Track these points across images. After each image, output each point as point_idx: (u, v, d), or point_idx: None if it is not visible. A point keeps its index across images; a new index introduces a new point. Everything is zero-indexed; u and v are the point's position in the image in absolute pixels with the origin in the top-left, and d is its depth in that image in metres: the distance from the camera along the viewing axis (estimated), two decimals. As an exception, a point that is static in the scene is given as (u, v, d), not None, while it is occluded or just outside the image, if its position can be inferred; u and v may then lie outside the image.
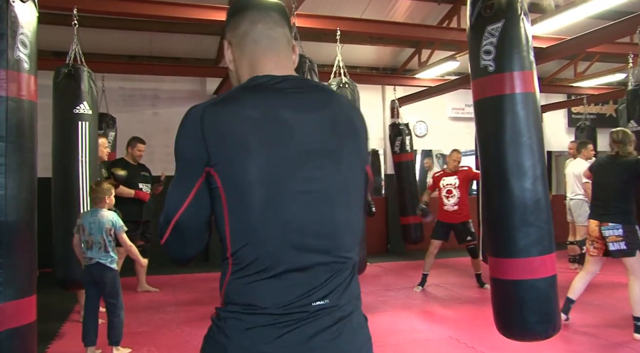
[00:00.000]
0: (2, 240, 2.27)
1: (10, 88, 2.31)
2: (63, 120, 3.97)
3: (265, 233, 1.12)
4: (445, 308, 5.42)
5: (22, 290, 2.39)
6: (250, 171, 1.10)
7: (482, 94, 3.09)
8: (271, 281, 1.12)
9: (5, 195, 2.29)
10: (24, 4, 2.39)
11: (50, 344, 4.30)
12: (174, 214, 1.16)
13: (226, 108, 1.14)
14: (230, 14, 1.30)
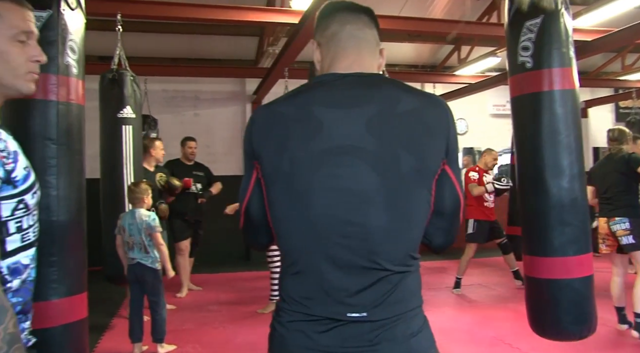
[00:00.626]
0: (55, 239, 2.36)
1: (60, 93, 2.40)
2: (108, 125, 4.10)
3: (291, 228, 1.15)
4: (488, 308, 5.35)
5: (74, 287, 2.47)
6: (281, 166, 1.14)
7: (519, 90, 3.05)
8: (304, 278, 1.14)
9: (57, 196, 2.38)
10: (73, 11, 2.48)
11: (100, 338, 4.45)
12: (242, 203, 1.26)
13: (271, 106, 1.22)
14: (320, 16, 1.30)
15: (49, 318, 2.31)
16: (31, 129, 2.35)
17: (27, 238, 1.22)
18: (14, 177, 1.14)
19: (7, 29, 1.17)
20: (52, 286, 2.35)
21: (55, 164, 2.38)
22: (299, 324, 1.14)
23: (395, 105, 1.16)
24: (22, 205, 1.18)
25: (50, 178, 2.36)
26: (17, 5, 1.20)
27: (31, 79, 1.22)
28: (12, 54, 1.18)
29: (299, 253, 1.15)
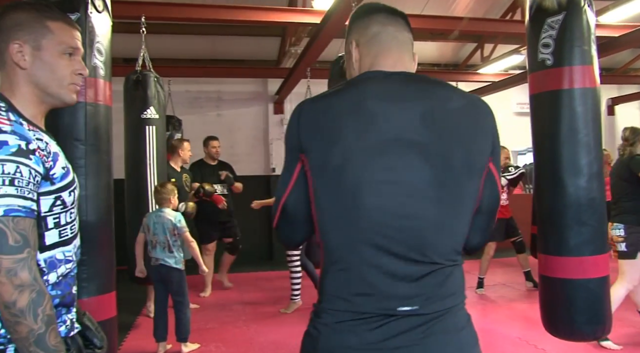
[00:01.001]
0: (84, 239, 2.39)
1: (88, 94, 2.45)
2: (132, 125, 4.16)
3: (342, 221, 1.13)
4: (512, 308, 5.30)
5: (104, 286, 2.51)
6: (332, 158, 1.12)
7: (538, 88, 3.03)
8: (353, 273, 1.13)
9: (86, 196, 2.42)
10: (99, 14, 2.52)
11: (126, 337, 4.52)
12: (281, 198, 1.23)
13: (321, 100, 1.21)
14: (356, 16, 1.34)
15: (79, 316, 2.36)
16: (60, 129, 2.39)
17: (64, 234, 1.31)
18: (52, 174, 1.24)
19: (57, 44, 1.31)
20: (82, 285, 2.37)
21: (83, 165, 2.43)
22: (348, 324, 1.12)
23: (447, 102, 1.19)
24: (59, 202, 1.27)
25: (79, 178, 2.38)
26: (67, 25, 1.34)
27: (74, 90, 1.35)
28: (59, 66, 1.31)
29: (347, 248, 1.13)
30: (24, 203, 1.14)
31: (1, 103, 1.24)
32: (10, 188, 1.12)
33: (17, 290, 1.10)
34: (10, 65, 1.28)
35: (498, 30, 6.97)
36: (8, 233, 1.11)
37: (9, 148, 1.14)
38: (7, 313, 1.10)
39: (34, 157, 1.18)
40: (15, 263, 1.11)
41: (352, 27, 1.34)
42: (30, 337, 1.11)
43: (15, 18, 1.28)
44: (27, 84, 1.29)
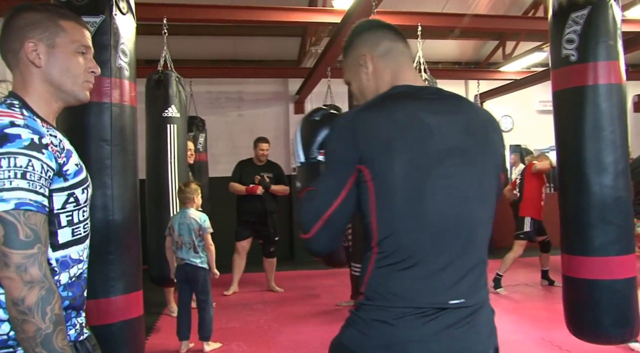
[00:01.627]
0: (111, 238, 2.43)
1: (113, 95, 2.48)
2: (153, 124, 4.17)
3: (407, 224, 1.22)
4: (535, 308, 5.24)
5: (131, 285, 2.54)
6: (396, 167, 1.21)
7: (562, 85, 2.98)
8: (412, 272, 1.21)
9: (112, 195, 2.45)
10: (124, 16, 2.55)
11: (148, 336, 4.55)
12: (327, 209, 1.25)
13: (374, 113, 1.27)
14: (364, 30, 1.44)
15: (108, 314, 2.39)
16: (88, 130, 2.44)
17: (77, 232, 1.29)
18: (65, 170, 1.23)
19: (70, 43, 1.31)
20: (110, 284, 2.42)
21: (109, 165, 2.46)
22: (406, 319, 1.19)
23: (478, 115, 1.36)
24: (72, 199, 1.26)
25: (105, 178, 2.44)
26: (79, 25, 1.35)
27: (87, 88, 1.35)
28: (74, 64, 1.31)
29: (412, 249, 1.22)
30: (35, 197, 1.12)
31: (15, 100, 1.24)
32: (22, 181, 1.10)
33: (26, 287, 1.07)
34: (25, 64, 1.28)
35: (520, 27, 6.90)
36: (19, 227, 1.08)
37: (22, 141, 1.12)
38: (15, 310, 1.07)
39: (46, 152, 1.16)
40: (25, 259, 1.08)
41: (358, 40, 1.43)
42: (37, 336, 1.08)
43: (29, 17, 1.28)
44: (42, 83, 1.28)
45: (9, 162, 1.09)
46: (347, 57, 1.45)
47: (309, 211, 1.29)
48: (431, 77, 4.98)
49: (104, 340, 1.20)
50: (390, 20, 5.25)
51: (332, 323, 4.43)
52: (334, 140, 1.27)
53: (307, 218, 1.28)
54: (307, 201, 1.30)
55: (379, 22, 1.45)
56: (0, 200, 1.08)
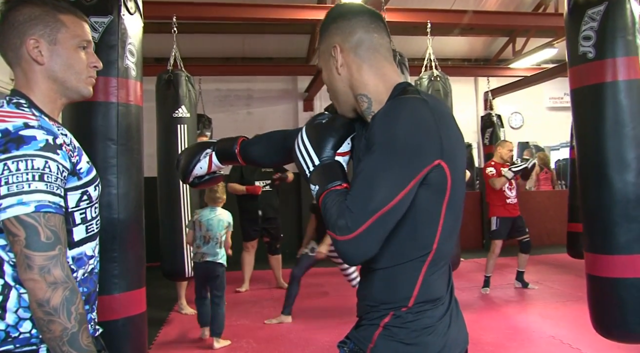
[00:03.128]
0: (115, 236, 2.45)
1: (120, 94, 2.49)
2: (164, 124, 4.21)
3: (453, 227, 1.23)
4: (545, 306, 5.20)
5: (134, 282, 2.56)
6: (460, 166, 1.19)
7: (580, 82, 2.94)
8: (443, 274, 1.25)
9: (117, 194, 2.47)
10: (132, 16, 2.56)
11: (159, 331, 4.60)
12: (383, 206, 1.08)
13: (438, 106, 1.19)
14: (336, 17, 1.29)
15: (111, 311, 2.41)
16: (94, 130, 2.45)
17: (90, 229, 1.31)
18: (78, 169, 1.23)
19: (72, 38, 1.28)
20: (113, 281, 2.44)
21: (115, 164, 2.48)
22: (446, 319, 1.23)
23: None
24: (85, 197, 1.27)
25: (111, 177, 2.46)
26: (78, 19, 1.32)
27: (90, 83, 1.34)
28: (76, 59, 1.29)
29: (448, 252, 1.24)
30: (53, 199, 1.12)
31: (22, 100, 1.23)
32: (40, 183, 1.10)
33: (50, 288, 1.08)
34: (27, 62, 1.25)
35: (530, 23, 6.86)
36: (40, 229, 1.09)
37: (38, 143, 1.12)
38: (41, 311, 1.08)
39: (61, 152, 1.16)
40: (47, 261, 1.09)
41: (333, 27, 1.29)
42: (63, 336, 1.09)
43: (28, 13, 1.24)
44: (45, 80, 1.27)
45: (26, 164, 1.10)
46: (321, 43, 1.32)
47: (352, 207, 1.09)
48: (443, 73, 4.96)
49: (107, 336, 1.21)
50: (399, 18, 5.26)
51: (341, 321, 4.43)
52: (411, 126, 1.10)
53: (349, 216, 1.08)
54: (341, 196, 1.13)
55: (356, 8, 1.30)
56: (20, 203, 1.08)
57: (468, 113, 9.21)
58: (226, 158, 1.63)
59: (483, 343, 4.00)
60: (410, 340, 1.18)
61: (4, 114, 1.17)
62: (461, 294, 5.51)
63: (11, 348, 1.16)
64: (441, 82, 4.86)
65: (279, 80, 8.88)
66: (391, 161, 1.09)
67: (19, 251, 1.09)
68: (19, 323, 1.17)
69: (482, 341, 4.04)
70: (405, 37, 7.43)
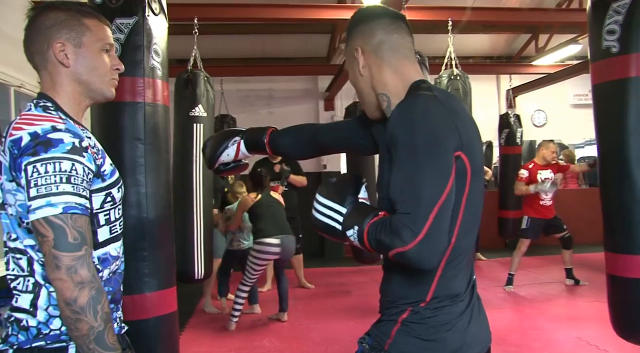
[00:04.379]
0: (145, 235, 2.47)
1: (147, 94, 2.51)
2: (181, 123, 4.19)
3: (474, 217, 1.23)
4: (570, 306, 5.14)
5: (164, 281, 2.57)
6: (478, 157, 1.21)
7: (602, 77, 2.88)
8: (464, 270, 1.25)
9: (146, 193, 2.49)
10: (156, 16, 2.59)
11: (183, 329, 4.64)
12: (435, 202, 1.07)
13: (451, 101, 1.23)
14: (358, 21, 1.35)
15: (142, 310, 2.43)
16: (122, 130, 2.47)
17: (114, 230, 1.34)
18: (102, 171, 1.26)
19: (95, 41, 1.33)
20: (144, 280, 2.45)
21: (143, 163, 2.49)
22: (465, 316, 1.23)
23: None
24: (109, 198, 1.30)
25: (139, 176, 2.47)
26: (101, 22, 1.36)
27: (113, 85, 1.38)
28: (100, 62, 1.33)
29: (469, 247, 1.24)
30: (80, 200, 1.15)
31: (48, 102, 1.27)
32: (68, 185, 1.13)
33: (77, 288, 1.11)
34: (53, 64, 1.29)
35: (554, 20, 6.77)
36: (67, 230, 1.12)
37: (65, 146, 1.15)
38: (68, 310, 1.11)
39: (86, 155, 1.19)
40: (74, 261, 1.12)
41: (354, 31, 1.34)
42: (90, 334, 1.12)
43: (54, 17, 1.28)
44: (71, 82, 1.30)
45: (54, 167, 1.13)
46: (346, 47, 1.39)
47: (405, 216, 1.07)
48: (462, 72, 4.91)
49: (139, 335, 1.21)
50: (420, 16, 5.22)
51: (363, 320, 4.42)
52: (434, 123, 1.12)
53: (407, 222, 1.06)
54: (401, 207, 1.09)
55: (377, 11, 1.35)
56: (49, 205, 1.11)
57: (490, 111, 9.12)
58: (255, 147, 1.66)
59: (507, 343, 3.96)
60: (428, 336, 1.19)
61: (33, 117, 1.20)
62: (484, 293, 5.45)
63: (42, 345, 1.20)
64: (461, 80, 4.81)
65: (300, 80, 8.91)
66: (423, 161, 1.09)
67: (47, 251, 1.12)
68: (49, 320, 1.21)
69: (507, 341, 4.00)
70: (426, 35, 7.39)
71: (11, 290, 1.24)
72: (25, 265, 1.22)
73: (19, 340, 1.20)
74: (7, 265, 1.25)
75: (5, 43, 4.20)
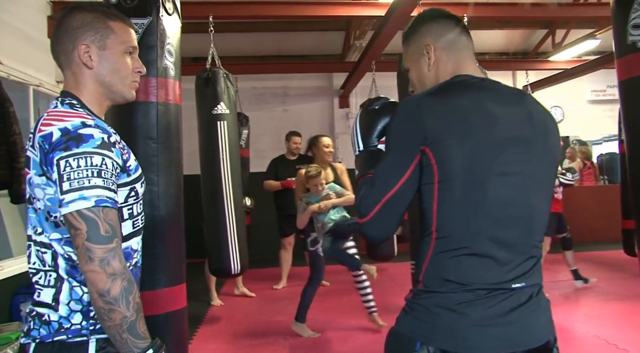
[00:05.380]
0: (156, 232, 2.50)
1: (159, 94, 2.54)
2: (204, 122, 4.22)
3: (467, 209, 1.23)
4: (588, 305, 5.08)
5: (175, 278, 2.60)
6: (460, 152, 1.21)
7: (629, 73, 2.81)
8: (471, 258, 1.23)
9: (158, 192, 2.52)
10: (170, 16, 2.61)
11: (199, 326, 4.69)
12: (387, 192, 1.25)
13: (440, 97, 1.28)
14: (427, 18, 1.45)
15: (153, 306, 2.45)
16: (135, 128, 2.50)
17: (136, 224, 1.37)
18: (128, 166, 1.30)
19: (119, 44, 1.35)
20: (154, 277, 2.49)
21: (156, 162, 2.52)
22: (469, 304, 1.21)
23: (537, 106, 1.36)
24: (133, 193, 1.33)
25: (152, 175, 2.50)
26: (126, 25, 1.39)
27: (134, 87, 1.41)
28: (123, 64, 1.36)
29: (469, 236, 1.23)
30: (110, 194, 1.18)
31: (74, 100, 1.30)
32: (99, 179, 1.16)
33: (110, 279, 1.14)
34: (78, 65, 1.32)
35: (571, 15, 6.68)
36: (100, 223, 1.15)
37: (95, 141, 1.18)
38: (102, 301, 1.14)
39: (114, 150, 1.22)
40: (107, 253, 1.15)
41: (424, 29, 1.43)
42: (123, 323, 1.15)
43: (81, 19, 1.31)
44: (93, 83, 1.33)
45: (86, 161, 1.16)
46: (410, 44, 1.46)
47: (368, 194, 1.28)
48: (480, 67, 4.87)
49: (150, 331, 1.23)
50: (434, 12, 5.09)
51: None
52: (399, 121, 1.27)
53: (365, 202, 1.28)
54: (366, 185, 1.31)
55: (445, 12, 1.45)
56: (82, 198, 1.14)
57: (506, 107, 9.03)
58: None
59: (523, 341, 3.93)
60: (422, 317, 1.25)
61: (61, 113, 1.24)
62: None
63: (64, 339, 1.22)
64: (475, 77, 4.76)
65: (315, 77, 8.91)
66: (390, 153, 1.29)
67: (80, 244, 1.15)
68: (71, 315, 1.23)
69: (523, 339, 3.97)
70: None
71: (33, 285, 1.27)
72: (49, 259, 1.24)
73: (40, 334, 1.23)
74: (29, 259, 1.28)
75: (24, 43, 4.27)
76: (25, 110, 4.51)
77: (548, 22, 8.13)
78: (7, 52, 4.10)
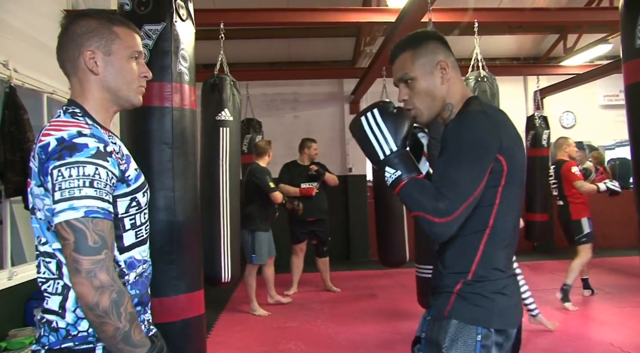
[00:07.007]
0: (173, 238, 2.50)
1: (174, 99, 2.55)
2: (207, 127, 4.22)
3: (515, 208, 1.49)
4: (602, 312, 5.03)
5: (192, 284, 2.60)
6: (518, 158, 1.46)
7: (636, 77, 2.81)
8: (508, 248, 1.49)
9: (174, 197, 2.52)
10: (184, 22, 2.63)
11: (210, 332, 4.68)
12: (470, 195, 1.38)
13: (492, 114, 1.49)
14: (435, 37, 1.60)
15: (170, 313, 2.45)
16: (150, 134, 2.51)
17: (140, 234, 1.36)
18: (127, 176, 1.29)
19: (124, 49, 1.35)
20: (172, 283, 2.48)
21: (171, 167, 2.53)
22: (510, 288, 1.47)
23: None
24: (134, 203, 1.32)
25: (167, 180, 2.51)
26: (131, 30, 1.39)
27: (140, 92, 1.40)
28: (128, 70, 1.36)
29: (512, 230, 1.50)
30: (102, 205, 1.17)
31: (76, 109, 1.30)
32: (90, 190, 1.15)
33: (97, 292, 1.13)
34: (83, 72, 1.32)
35: (583, 19, 6.64)
36: (88, 234, 1.13)
37: (89, 150, 1.17)
38: (92, 314, 1.14)
39: (110, 160, 1.21)
40: (93, 264, 1.13)
41: (434, 46, 1.57)
42: (117, 335, 1.15)
43: (86, 25, 1.31)
44: (99, 89, 1.33)
45: (78, 171, 1.15)
46: (419, 55, 1.55)
47: (449, 196, 1.36)
48: (490, 73, 4.85)
49: (167, 337, 1.23)
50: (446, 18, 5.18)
51: (390, 323, 4.42)
52: (481, 132, 1.40)
53: (446, 204, 1.35)
54: (442, 187, 1.37)
55: (444, 38, 1.62)
56: (71, 208, 1.14)
57: (517, 113, 8.96)
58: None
59: (538, 348, 3.90)
60: (479, 303, 1.43)
61: (61, 123, 1.24)
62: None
63: (71, 346, 1.22)
64: (488, 82, 4.74)
65: (325, 83, 8.93)
66: (468, 159, 1.39)
67: (68, 255, 1.15)
68: (77, 322, 1.23)
69: (538, 346, 3.94)
70: (450, 37, 7.32)
71: (42, 293, 1.27)
72: (55, 269, 1.24)
73: (50, 341, 1.23)
74: (38, 269, 1.28)
75: (38, 51, 4.31)
76: (39, 118, 4.55)
77: (559, 26, 8.09)
78: (22, 59, 4.14)
